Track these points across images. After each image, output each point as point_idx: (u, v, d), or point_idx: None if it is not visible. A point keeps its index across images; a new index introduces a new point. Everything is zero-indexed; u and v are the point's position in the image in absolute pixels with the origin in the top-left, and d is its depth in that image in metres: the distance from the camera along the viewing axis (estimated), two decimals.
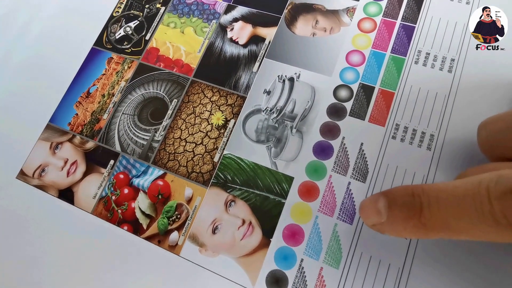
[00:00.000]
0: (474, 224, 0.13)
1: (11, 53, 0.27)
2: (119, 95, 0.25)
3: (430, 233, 0.14)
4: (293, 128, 0.22)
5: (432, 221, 0.14)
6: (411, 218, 0.14)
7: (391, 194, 0.15)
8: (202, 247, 0.21)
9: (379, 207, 0.15)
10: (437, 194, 0.14)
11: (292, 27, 0.25)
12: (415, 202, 0.14)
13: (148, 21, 0.27)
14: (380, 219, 0.15)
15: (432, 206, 0.14)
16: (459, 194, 0.13)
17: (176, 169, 0.22)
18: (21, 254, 0.22)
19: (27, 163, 0.24)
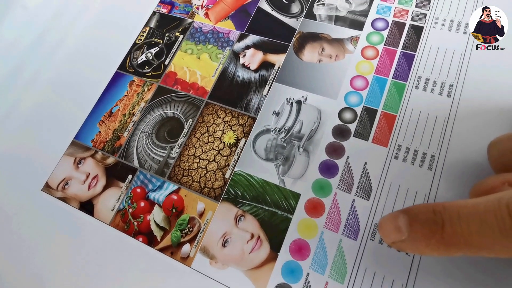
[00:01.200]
0: (497, 239, 0.13)
1: (41, 73, 0.29)
2: (139, 115, 0.26)
3: (452, 250, 0.14)
4: (300, 148, 0.23)
5: (455, 237, 0.14)
6: (433, 235, 0.14)
7: (412, 211, 0.15)
8: (212, 259, 0.21)
9: (400, 224, 0.15)
10: (459, 210, 0.14)
11: (300, 54, 0.26)
12: (437, 219, 0.14)
13: (167, 48, 0.28)
14: (401, 237, 0.15)
15: (454, 222, 0.14)
16: (481, 210, 0.13)
17: (189, 184, 0.23)
18: (43, 261, 0.23)
19: (52, 176, 0.25)
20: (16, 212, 0.25)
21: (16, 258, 0.23)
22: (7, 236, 0.24)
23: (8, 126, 0.28)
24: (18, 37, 0.31)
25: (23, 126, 0.28)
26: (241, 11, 0.29)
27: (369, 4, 0.27)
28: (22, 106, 0.28)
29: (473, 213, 0.14)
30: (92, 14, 0.31)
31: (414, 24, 0.25)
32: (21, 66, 0.30)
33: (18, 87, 0.29)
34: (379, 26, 0.26)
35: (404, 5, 0.26)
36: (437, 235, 0.14)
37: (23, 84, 0.29)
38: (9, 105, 0.28)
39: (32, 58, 0.30)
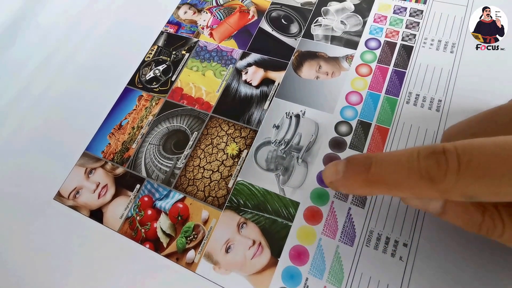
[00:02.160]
0: (405, 179, 0.15)
1: (54, 87, 0.31)
2: (147, 128, 0.27)
3: (374, 187, 0.16)
4: (299, 159, 0.24)
5: (376, 176, 0.16)
6: (361, 174, 0.17)
7: (350, 157, 0.18)
8: (216, 265, 0.22)
9: (339, 167, 0.18)
10: (384, 156, 0.16)
11: (298, 71, 0.27)
12: (366, 162, 0.17)
13: (174, 65, 0.30)
14: (337, 176, 0.18)
15: (378, 164, 0.16)
16: (398, 155, 0.16)
17: (194, 193, 0.24)
18: (54, 267, 0.24)
19: (64, 185, 0.26)
20: (29, 220, 0.25)
21: (29, 264, 0.24)
22: (21, 243, 0.25)
23: (23, 137, 0.29)
24: (31, 52, 0.33)
25: (37, 138, 0.29)
26: (243, 31, 0.30)
27: (362, 25, 0.28)
28: (36, 118, 0.29)
29: (393, 157, 0.16)
30: (103, 33, 0.33)
31: (405, 43, 0.27)
32: (35, 80, 0.31)
33: (32, 100, 0.30)
34: (372, 46, 0.27)
35: (395, 26, 0.28)
36: (364, 174, 0.16)
37: (37, 96, 0.30)
38: (23, 117, 0.30)
39: (45, 72, 0.31)
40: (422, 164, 0.14)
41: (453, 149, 0.14)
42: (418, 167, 0.14)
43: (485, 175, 0.13)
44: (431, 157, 0.14)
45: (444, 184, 0.14)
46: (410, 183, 0.15)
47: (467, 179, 0.13)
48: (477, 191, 0.13)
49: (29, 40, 0.34)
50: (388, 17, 0.28)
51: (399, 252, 0.20)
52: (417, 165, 0.14)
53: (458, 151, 0.14)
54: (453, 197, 0.14)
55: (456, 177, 0.13)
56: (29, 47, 0.34)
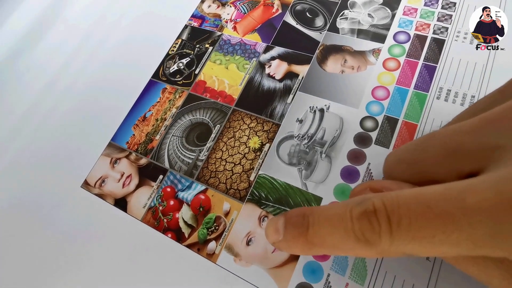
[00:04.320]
0: (343, 241, 0.14)
1: (82, 79, 0.31)
2: (170, 120, 0.28)
3: (314, 250, 0.15)
4: (323, 153, 0.24)
5: (315, 238, 0.15)
6: (300, 236, 0.15)
7: (288, 214, 0.17)
8: (236, 257, 0.22)
9: (278, 226, 0.16)
10: (319, 214, 0.15)
11: (323, 65, 0.27)
12: (304, 222, 0.16)
13: (198, 58, 0.30)
14: (278, 237, 0.16)
15: (315, 225, 0.15)
16: (332, 214, 0.15)
17: (216, 185, 0.24)
18: (78, 252, 0.24)
19: (91, 174, 0.27)
20: (57, 207, 0.26)
21: (55, 250, 0.25)
22: (49, 229, 0.26)
23: (52, 128, 0.30)
24: (61, 45, 0.34)
25: (65, 128, 0.30)
26: (267, 25, 0.30)
27: (391, 18, 0.27)
28: (63, 109, 0.30)
29: (328, 217, 0.15)
30: (128, 27, 0.34)
31: (436, 37, 0.26)
32: (62, 74, 0.32)
33: (60, 93, 0.31)
34: (401, 39, 0.26)
35: (426, 19, 0.27)
36: (303, 237, 0.15)
37: (65, 90, 0.31)
38: (52, 108, 0.31)
39: (72, 66, 0.32)
40: (356, 226, 0.14)
41: (382, 207, 0.13)
42: (352, 229, 0.14)
43: (416, 236, 0.13)
44: (363, 217, 0.14)
45: (381, 246, 0.13)
46: (348, 245, 0.14)
47: (401, 240, 0.13)
48: (414, 251, 0.13)
49: (57, 35, 0.35)
50: (419, 9, 0.27)
51: None
52: (351, 227, 0.14)
53: (388, 209, 0.13)
54: (393, 256, 0.14)
55: (390, 239, 0.13)
56: (57, 42, 0.35)
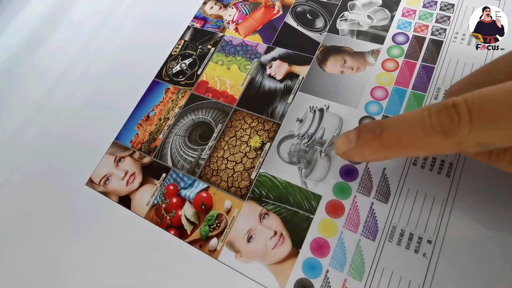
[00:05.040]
0: (418, 137, 0.15)
1: (86, 80, 0.32)
2: (173, 119, 0.28)
3: (387, 151, 0.17)
4: (322, 152, 0.24)
5: (389, 139, 0.17)
6: (374, 139, 0.17)
7: (361, 125, 0.19)
8: (237, 253, 0.22)
9: (350, 135, 0.19)
10: (395, 119, 0.17)
11: (323, 66, 0.27)
12: (378, 127, 0.17)
13: (200, 59, 0.31)
14: (349, 145, 0.18)
15: (390, 127, 0.17)
16: (409, 116, 0.16)
17: (218, 183, 0.25)
18: (84, 249, 0.25)
19: (95, 172, 0.28)
20: (63, 204, 0.27)
21: (61, 246, 0.25)
22: (54, 226, 0.26)
23: (57, 127, 0.30)
24: (65, 46, 0.35)
25: (70, 128, 0.30)
26: (268, 26, 0.31)
27: (390, 19, 0.28)
28: (68, 109, 0.31)
29: (404, 118, 0.17)
30: (132, 28, 0.34)
31: (434, 38, 0.26)
32: (67, 73, 0.33)
33: (65, 93, 0.32)
34: (400, 40, 0.27)
35: (425, 20, 0.27)
36: (377, 139, 0.17)
37: (71, 90, 0.32)
38: (57, 108, 0.31)
39: (77, 66, 0.33)
40: (434, 120, 0.15)
41: (462, 101, 0.14)
42: (430, 123, 0.15)
43: (497, 120, 0.13)
44: (442, 112, 0.15)
45: (459, 135, 0.14)
46: (424, 140, 0.15)
47: (480, 127, 0.14)
48: (491, 138, 0.14)
49: (62, 36, 0.36)
50: (417, 11, 0.27)
51: (423, 248, 0.20)
52: (429, 122, 0.15)
53: (468, 102, 0.14)
54: (468, 148, 0.15)
55: (469, 127, 0.14)
56: (61, 43, 0.35)
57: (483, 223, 0.20)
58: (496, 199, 0.20)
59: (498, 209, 0.20)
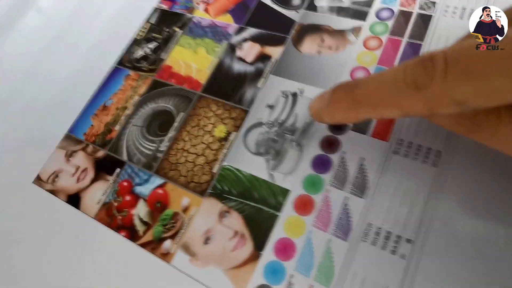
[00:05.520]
0: (390, 92, 0.16)
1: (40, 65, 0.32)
2: (132, 108, 0.28)
3: (359, 109, 0.17)
4: (293, 142, 0.23)
5: (360, 95, 0.17)
6: (347, 95, 0.18)
7: (335, 85, 0.19)
8: (193, 257, 0.22)
9: (325, 93, 0.20)
10: (368, 77, 0.18)
11: (299, 46, 0.27)
12: (351, 84, 0.18)
13: (165, 43, 0.30)
14: (323, 103, 0.19)
15: (363, 84, 0.17)
16: (385, 72, 0.17)
17: (176, 178, 0.24)
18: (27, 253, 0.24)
19: (44, 169, 0.27)
20: (7, 204, 0.27)
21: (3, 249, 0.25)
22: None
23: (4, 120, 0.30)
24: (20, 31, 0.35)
25: (18, 121, 0.30)
26: (241, 5, 0.30)
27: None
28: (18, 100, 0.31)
29: (379, 74, 0.17)
30: (94, 12, 0.34)
31: (422, 12, 0.25)
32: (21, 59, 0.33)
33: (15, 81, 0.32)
34: (384, 16, 0.26)
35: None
36: (349, 96, 0.18)
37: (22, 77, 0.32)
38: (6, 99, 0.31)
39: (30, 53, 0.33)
40: (408, 73, 0.15)
41: (441, 53, 0.14)
42: (403, 77, 0.15)
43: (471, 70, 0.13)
44: (418, 65, 0.15)
45: (431, 89, 0.14)
46: (395, 96, 0.16)
47: (453, 80, 0.13)
48: (465, 93, 0.13)
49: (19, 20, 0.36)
50: None
51: (401, 249, 0.19)
52: (403, 76, 0.15)
53: (447, 54, 0.14)
54: (441, 107, 0.14)
55: (442, 79, 0.14)
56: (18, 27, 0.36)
57: (473, 219, 0.19)
58: (489, 191, 0.19)
59: (490, 203, 0.19)
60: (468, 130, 0.16)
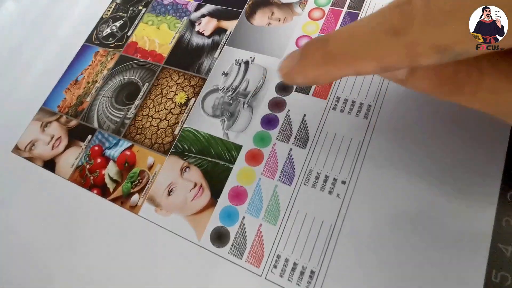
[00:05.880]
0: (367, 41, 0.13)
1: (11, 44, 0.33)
2: (101, 82, 0.29)
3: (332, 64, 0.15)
4: (245, 104, 0.25)
5: (335, 48, 0.15)
6: (317, 50, 0.15)
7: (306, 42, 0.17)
8: (158, 207, 0.24)
9: (295, 53, 0.17)
10: (342, 28, 0.15)
11: (251, 19, 0.28)
12: (323, 38, 0.15)
13: (130, 21, 0.31)
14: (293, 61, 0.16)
15: (336, 35, 0.15)
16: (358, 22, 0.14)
17: (142, 141, 0.26)
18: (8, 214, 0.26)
19: (21, 139, 0.28)
20: None
21: None
22: None
23: None
24: None
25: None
26: None
27: None
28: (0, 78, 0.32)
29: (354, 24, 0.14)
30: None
31: None
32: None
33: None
34: None
35: None
36: (321, 49, 0.15)
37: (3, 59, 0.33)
38: None
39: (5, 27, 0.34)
40: (386, 18, 0.13)
41: None
42: (381, 23, 0.13)
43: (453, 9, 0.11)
44: (395, 9, 0.13)
45: (410, 33, 0.12)
46: (371, 45, 0.13)
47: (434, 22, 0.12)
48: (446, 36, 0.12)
49: None
50: None
51: (336, 189, 0.21)
52: (380, 22, 0.13)
53: None
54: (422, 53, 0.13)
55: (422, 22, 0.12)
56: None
57: (397, 163, 0.21)
58: (412, 139, 0.22)
59: (413, 150, 0.21)
60: (450, 92, 0.15)
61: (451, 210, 0.19)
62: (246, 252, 0.21)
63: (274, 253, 0.21)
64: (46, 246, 0.24)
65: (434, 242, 0.19)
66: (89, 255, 0.23)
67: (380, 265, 0.19)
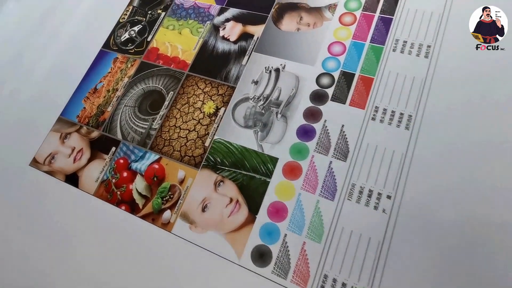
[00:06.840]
0: None
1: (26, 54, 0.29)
2: (122, 90, 0.25)
3: None
4: (278, 114, 0.22)
5: None
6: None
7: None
8: (192, 224, 0.21)
9: None
10: None
11: (279, 24, 0.25)
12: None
13: (150, 25, 0.28)
14: None
15: None
16: None
17: (170, 153, 0.23)
18: (29, 232, 0.22)
19: (39, 151, 0.25)
20: (5, 187, 0.24)
21: (4, 231, 0.23)
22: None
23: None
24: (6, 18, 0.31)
25: (11, 106, 0.27)
26: None
27: None
28: (9, 86, 0.28)
29: None
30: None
31: None
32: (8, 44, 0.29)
33: (3, 66, 0.29)
34: None
35: None
36: None
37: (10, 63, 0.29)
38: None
39: (17, 40, 0.30)
40: None
41: None
42: None
43: None
44: None
45: None
46: None
47: None
48: None
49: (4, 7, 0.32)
50: None
51: (382, 204, 0.19)
52: None
53: None
54: None
55: None
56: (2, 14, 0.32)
57: (443, 174, 0.19)
58: (457, 148, 0.19)
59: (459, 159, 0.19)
60: None
61: None
62: (290, 271, 0.18)
63: (321, 273, 0.18)
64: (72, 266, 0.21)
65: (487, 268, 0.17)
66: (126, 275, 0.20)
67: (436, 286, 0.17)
